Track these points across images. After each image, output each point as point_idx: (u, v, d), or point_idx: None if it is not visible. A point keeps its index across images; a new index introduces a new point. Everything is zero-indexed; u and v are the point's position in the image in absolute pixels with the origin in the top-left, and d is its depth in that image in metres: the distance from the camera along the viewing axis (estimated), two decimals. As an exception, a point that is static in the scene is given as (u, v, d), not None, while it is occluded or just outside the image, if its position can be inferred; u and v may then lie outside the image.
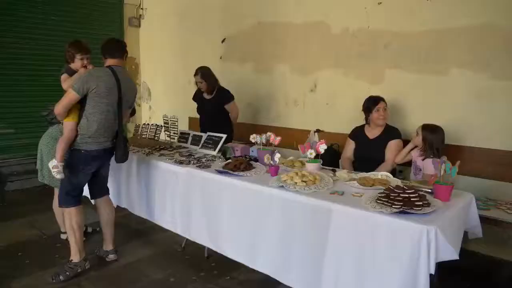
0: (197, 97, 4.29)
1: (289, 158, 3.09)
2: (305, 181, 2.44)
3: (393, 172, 3.25)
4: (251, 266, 2.65)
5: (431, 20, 3.38)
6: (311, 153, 2.73)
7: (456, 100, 3.29)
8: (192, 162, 3.13)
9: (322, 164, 2.94)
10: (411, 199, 2.01)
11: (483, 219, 2.73)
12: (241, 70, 4.91)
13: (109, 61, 3.01)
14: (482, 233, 2.52)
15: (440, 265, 2.36)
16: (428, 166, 2.86)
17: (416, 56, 3.49)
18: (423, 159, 3.00)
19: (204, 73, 4.02)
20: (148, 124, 4.32)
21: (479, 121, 3.19)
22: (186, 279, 2.93)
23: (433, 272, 1.86)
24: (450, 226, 2.00)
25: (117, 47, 3.06)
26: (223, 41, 5.08)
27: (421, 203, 2.00)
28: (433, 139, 2.96)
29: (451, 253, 1.92)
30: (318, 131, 4.05)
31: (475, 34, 3.16)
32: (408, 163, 3.24)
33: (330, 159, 3.51)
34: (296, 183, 2.43)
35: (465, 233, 2.46)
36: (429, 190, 2.29)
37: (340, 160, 3.52)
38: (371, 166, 3.08)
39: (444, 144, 3.05)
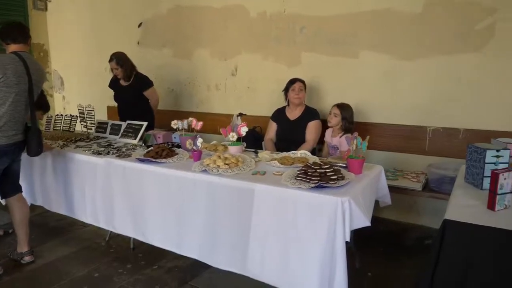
0: (113, 84, 4.09)
1: (212, 143, 3.10)
2: (227, 164, 2.47)
3: (313, 152, 3.41)
4: (178, 252, 2.64)
5: (343, 5, 3.54)
6: (232, 136, 2.76)
7: (366, 81, 3.52)
8: (111, 152, 3.00)
9: (247, 147, 2.99)
10: (327, 174, 2.13)
11: (392, 188, 2.99)
12: (160, 56, 4.77)
13: (12, 47, 2.76)
14: (392, 201, 2.75)
15: (356, 233, 2.55)
16: (343, 143, 3.05)
17: (330, 39, 3.65)
18: (340, 137, 3.18)
19: (119, 58, 3.84)
20: (61, 115, 4.04)
21: (387, 99, 3.46)
22: (111, 273, 2.83)
23: (348, 239, 2.00)
24: (362, 196, 2.16)
25: (20, 31, 2.81)
26: (139, 25, 4.88)
27: (336, 177, 2.13)
28: (348, 117, 3.17)
29: (363, 221, 2.08)
30: (241, 114, 4.09)
31: (380, 19, 3.39)
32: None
33: (254, 141, 3.60)
34: (219, 166, 2.45)
35: (377, 202, 2.68)
36: (344, 165, 2.44)
37: (263, 142, 3.60)
38: (293, 146, 3.19)
39: (353, 121, 3.25)
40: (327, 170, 2.15)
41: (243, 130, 2.79)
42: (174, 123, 3.07)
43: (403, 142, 3.40)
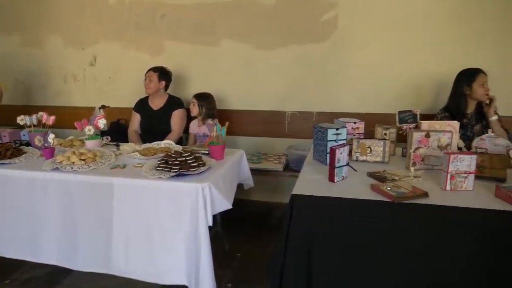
0: None
1: (68, 138, 2.86)
2: (83, 160, 2.30)
3: (181, 141, 3.40)
4: (35, 261, 2.39)
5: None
6: (89, 130, 2.58)
7: (228, 69, 3.62)
8: None
9: (111, 140, 2.83)
10: (188, 162, 2.14)
11: (257, 171, 3.16)
12: (4, 44, 4.19)
13: None
14: (257, 183, 2.90)
15: (224, 217, 2.63)
16: (206, 130, 3.10)
17: (192, 28, 3.65)
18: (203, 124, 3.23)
19: None
20: None
21: (248, 86, 3.61)
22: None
23: (211, 223, 2.04)
24: (224, 181, 2.22)
25: None
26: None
27: (196, 164, 2.15)
28: (206, 105, 3.22)
29: (225, 204, 2.15)
30: (103, 107, 3.85)
31: (239, 8, 3.50)
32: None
33: (119, 134, 3.44)
34: (73, 162, 2.27)
35: (242, 185, 2.80)
36: (207, 152, 2.48)
37: (128, 134, 3.45)
38: (158, 137, 3.11)
39: (215, 108, 3.33)
40: (188, 158, 2.16)
41: (101, 123, 2.63)
42: (21, 119, 2.76)
43: (265, 127, 3.61)
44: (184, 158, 2.15)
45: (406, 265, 1.66)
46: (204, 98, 3.27)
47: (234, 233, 3.05)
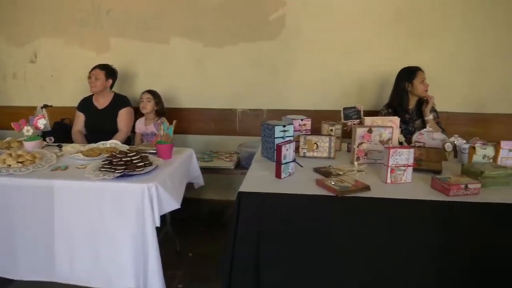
0: None
1: (6, 140, 2.69)
2: (21, 162, 2.18)
3: (129, 140, 3.30)
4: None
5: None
6: (27, 131, 2.45)
7: (178, 67, 3.56)
8: None
9: (55, 141, 2.70)
10: (133, 162, 2.08)
11: (210, 170, 3.14)
12: None
13: None
14: (209, 182, 2.88)
15: (176, 217, 2.59)
16: (153, 129, 3.04)
17: (139, 24, 3.55)
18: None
19: None
20: None
21: (199, 84, 3.57)
22: None
23: (158, 224, 2.00)
24: (171, 180, 2.18)
25: None
26: None
27: (142, 164, 2.09)
28: (159, 102, 3.18)
29: (173, 204, 2.11)
30: (46, 106, 3.66)
31: (188, 5, 3.44)
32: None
33: (63, 134, 3.30)
34: (9, 165, 2.14)
35: (193, 184, 2.77)
36: (154, 151, 2.42)
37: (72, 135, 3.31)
38: (105, 136, 3.00)
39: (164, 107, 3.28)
40: (133, 158, 2.10)
41: (41, 123, 2.51)
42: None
43: (217, 125, 3.59)
44: (129, 158, 2.09)
45: (352, 256, 1.71)
46: (157, 95, 3.22)
47: (187, 233, 3.02)
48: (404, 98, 2.95)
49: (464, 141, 2.23)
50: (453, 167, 2.06)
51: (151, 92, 3.21)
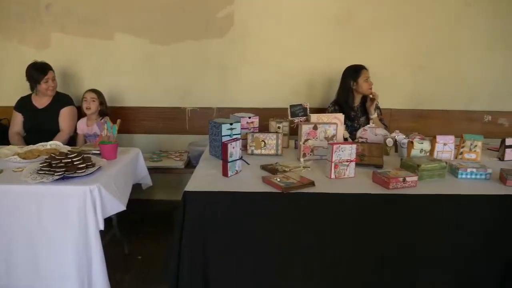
0: None
1: None
2: (-52, 166, 2.02)
3: (72, 142, 3.16)
4: None
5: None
6: (-45, 132, 2.28)
7: (124, 64, 3.45)
8: None
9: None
10: (74, 163, 2.00)
11: (159, 169, 3.08)
12: None
13: None
14: (159, 182, 2.81)
15: (123, 219, 2.51)
16: (96, 129, 2.94)
17: (81, 19, 3.40)
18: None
19: None
20: None
21: (146, 82, 3.48)
22: None
23: (102, 227, 1.93)
24: (116, 182, 2.11)
25: None
26: None
27: (84, 165, 2.01)
28: (104, 101, 3.06)
29: (118, 206, 2.05)
30: (-20, 106, 3.43)
31: (134, 1, 3.34)
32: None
33: (1, 136, 3.10)
34: None
35: (140, 185, 2.70)
36: (98, 152, 2.33)
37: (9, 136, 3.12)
38: (46, 137, 2.85)
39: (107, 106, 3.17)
40: (74, 159, 2.01)
41: (-29, 124, 2.33)
42: None
43: (166, 124, 3.52)
44: (70, 160, 2.00)
45: (299, 252, 1.74)
46: (101, 94, 3.12)
47: (136, 235, 2.94)
48: (350, 96, 3.04)
49: (404, 136, 2.34)
50: (394, 161, 2.15)
51: (96, 92, 3.09)
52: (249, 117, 2.37)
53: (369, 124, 2.65)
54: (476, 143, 2.24)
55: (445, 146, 2.22)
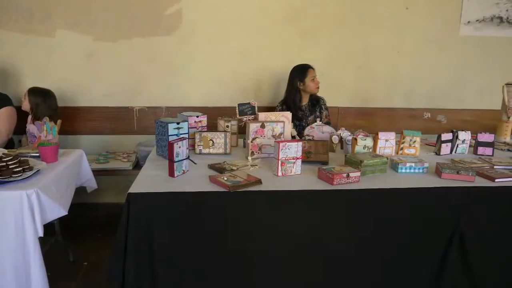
0: None
1: None
2: None
3: (11, 144, 2.99)
4: None
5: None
6: None
7: (67, 62, 3.30)
8: None
9: None
10: (10, 167, 1.88)
11: (106, 171, 2.98)
12: None
13: None
14: (106, 185, 2.71)
15: (67, 225, 2.40)
16: (35, 130, 2.78)
17: (20, 15, 3.21)
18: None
19: None
20: None
21: (91, 81, 3.35)
22: None
23: (41, 234, 1.84)
24: (57, 185, 2.02)
25: None
26: None
27: (21, 169, 1.90)
28: (41, 102, 2.89)
29: (59, 211, 1.96)
30: None
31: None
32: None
33: None
34: None
35: (85, 188, 2.60)
36: (37, 154, 2.22)
37: None
38: (-20, 140, 2.69)
39: (56, 106, 3.01)
40: (10, 163, 1.90)
41: None
42: None
43: (113, 124, 3.41)
44: (5, 163, 1.88)
45: (248, 250, 1.74)
46: (39, 94, 2.92)
47: (82, 241, 2.82)
48: (297, 96, 3.08)
49: (349, 133, 2.41)
50: (340, 158, 2.21)
51: (30, 90, 2.91)
52: (197, 116, 2.35)
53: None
54: (415, 138, 2.36)
55: (386, 142, 2.31)
